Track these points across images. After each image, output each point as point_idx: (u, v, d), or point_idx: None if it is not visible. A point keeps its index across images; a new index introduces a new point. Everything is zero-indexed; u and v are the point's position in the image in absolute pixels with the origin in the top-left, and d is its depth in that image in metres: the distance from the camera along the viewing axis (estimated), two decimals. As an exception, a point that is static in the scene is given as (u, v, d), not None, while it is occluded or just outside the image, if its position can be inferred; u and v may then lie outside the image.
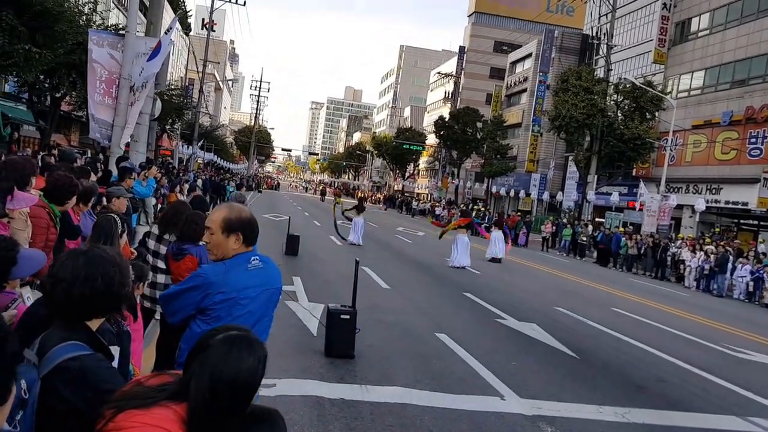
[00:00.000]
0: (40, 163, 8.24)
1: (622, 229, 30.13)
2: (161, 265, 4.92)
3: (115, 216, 4.41)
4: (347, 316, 6.86)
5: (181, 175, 26.57)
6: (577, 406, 6.16)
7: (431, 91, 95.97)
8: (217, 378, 1.60)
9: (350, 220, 20.69)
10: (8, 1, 9.86)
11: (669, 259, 24.92)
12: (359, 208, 20.58)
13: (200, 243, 4.75)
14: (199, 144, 45.83)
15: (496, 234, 21.05)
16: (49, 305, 1.90)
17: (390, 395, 5.79)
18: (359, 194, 41.73)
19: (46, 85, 15.44)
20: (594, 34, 46.30)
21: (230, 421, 1.62)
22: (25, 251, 2.49)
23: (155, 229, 5.16)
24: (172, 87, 34.45)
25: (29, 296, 2.41)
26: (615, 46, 39.44)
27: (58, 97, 16.53)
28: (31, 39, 10.36)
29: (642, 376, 7.76)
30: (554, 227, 33.50)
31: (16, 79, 16.37)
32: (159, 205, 15.23)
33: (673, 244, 25.45)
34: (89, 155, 11.32)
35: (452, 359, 7.38)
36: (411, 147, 69.57)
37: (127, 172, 7.64)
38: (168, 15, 32.47)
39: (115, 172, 8.51)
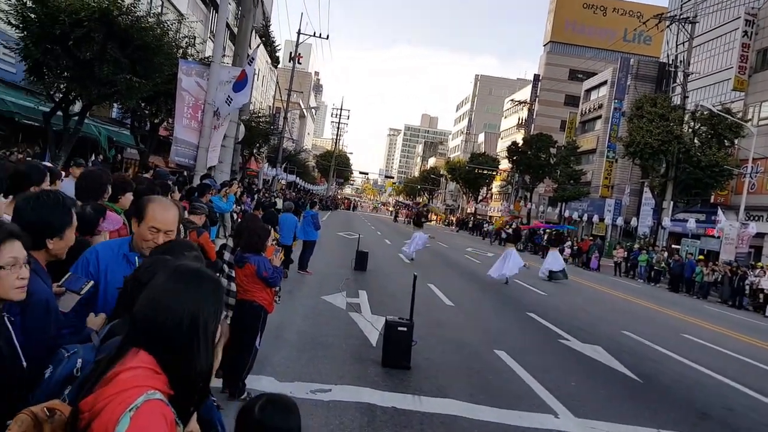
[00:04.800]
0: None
1: (701, 257, 29.03)
2: (233, 274, 5.37)
3: None
4: (404, 329, 7.01)
5: (264, 194, 27.98)
6: (633, 428, 6.02)
7: (505, 117, 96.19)
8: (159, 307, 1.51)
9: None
10: (113, 36, 10.73)
11: (747, 287, 23.82)
12: (417, 223, 21.42)
13: (261, 254, 5.31)
14: (283, 166, 47.95)
15: (553, 252, 22.01)
16: (121, 304, 2.08)
17: (442, 407, 5.80)
18: (420, 210, 43.22)
19: (146, 112, 16.42)
20: (671, 62, 45.17)
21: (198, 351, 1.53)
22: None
23: (230, 242, 5.61)
24: (260, 115, 36.14)
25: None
26: (692, 73, 38.39)
27: (156, 122, 17.61)
28: (132, 70, 11.17)
29: (706, 402, 7.48)
30: (626, 252, 32.77)
31: (120, 106, 17.60)
32: (239, 220, 16.09)
33: (751, 273, 24.29)
34: (185, 174, 12.09)
35: (509, 376, 7.34)
36: (484, 171, 69.79)
37: (206, 188, 8.30)
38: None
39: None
